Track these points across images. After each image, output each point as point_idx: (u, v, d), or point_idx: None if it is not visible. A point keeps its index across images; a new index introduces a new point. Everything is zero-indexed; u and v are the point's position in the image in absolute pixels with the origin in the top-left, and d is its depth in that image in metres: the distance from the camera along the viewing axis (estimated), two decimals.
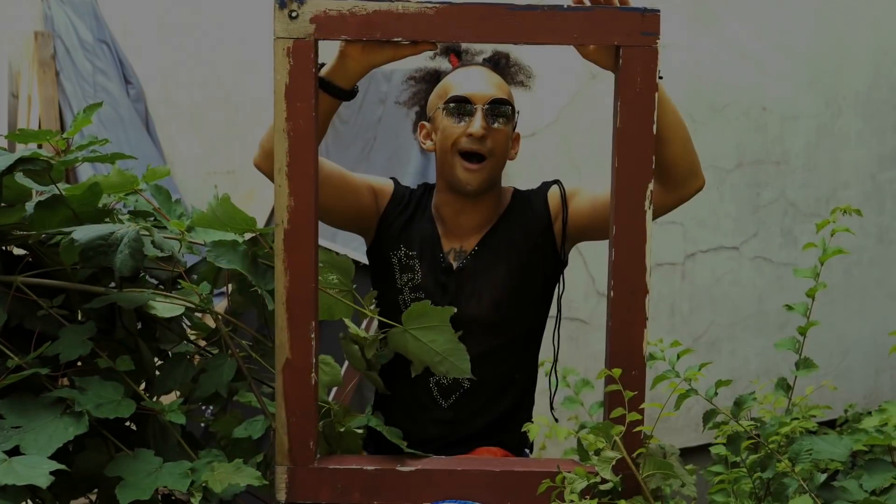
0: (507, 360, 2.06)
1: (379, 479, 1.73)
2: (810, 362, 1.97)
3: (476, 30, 1.61)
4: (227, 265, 1.76)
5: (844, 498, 1.74)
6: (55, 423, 1.59)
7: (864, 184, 4.22)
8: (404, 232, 2.08)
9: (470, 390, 2.04)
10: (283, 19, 1.61)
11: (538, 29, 1.61)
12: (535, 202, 2.07)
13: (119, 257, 1.67)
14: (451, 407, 2.05)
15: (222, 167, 5.23)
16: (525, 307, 2.06)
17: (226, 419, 1.86)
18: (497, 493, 1.74)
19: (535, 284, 2.06)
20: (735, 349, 4.03)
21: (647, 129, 1.64)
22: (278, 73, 1.61)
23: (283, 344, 1.67)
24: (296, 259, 1.65)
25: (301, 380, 1.68)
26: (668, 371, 1.92)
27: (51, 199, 1.76)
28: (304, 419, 1.69)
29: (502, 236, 2.05)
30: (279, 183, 1.64)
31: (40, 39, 4.86)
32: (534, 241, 2.05)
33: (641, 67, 1.62)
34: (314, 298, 1.67)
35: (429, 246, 2.06)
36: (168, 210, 1.99)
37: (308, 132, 1.63)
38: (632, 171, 1.65)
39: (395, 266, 2.08)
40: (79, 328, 1.72)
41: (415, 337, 1.81)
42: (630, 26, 1.61)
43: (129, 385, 1.73)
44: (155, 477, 1.60)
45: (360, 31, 1.61)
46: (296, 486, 1.71)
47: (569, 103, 3.57)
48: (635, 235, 1.66)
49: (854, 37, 4.11)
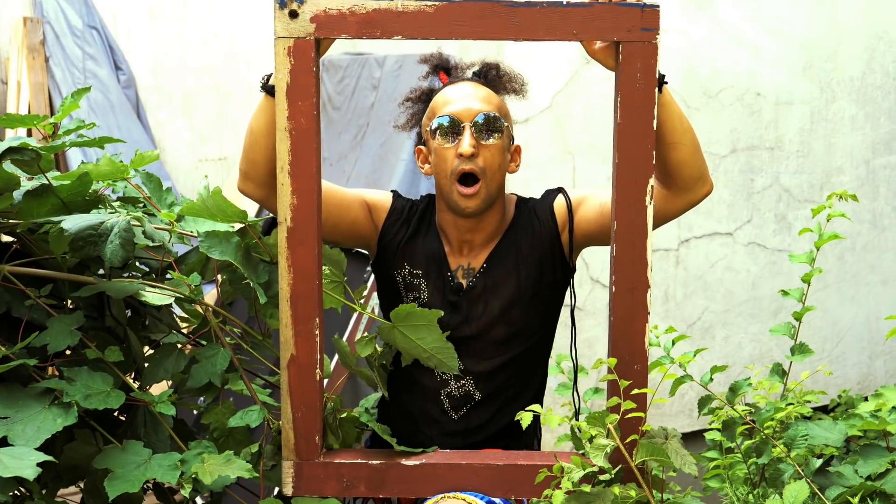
0: (518, 372, 2.03)
1: (384, 473, 1.75)
2: (806, 347, 1.97)
3: (475, 27, 1.61)
4: (219, 256, 1.75)
5: (840, 483, 1.74)
6: (43, 414, 1.58)
7: (859, 169, 4.22)
8: (408, 249, 2.04)
9: (481, 403, 2.02)
10: (283, 19, 1.61)
11: (537, 25, 1.61)
12: (540, 213, 2.04)
13: (109, 247, 1.66)
14: (462, 419, 2.02)
15: (214, 154, 5.21)
16: (535, 319, 2.04)
17: (218, 410, 1.85)
18: (500, 486, 1.75)
19: (544, 296, 2.03)
20: (729, 335, 4.03)
21: (647, 125, 1.64)
22: (279, 72, 1.62)
23: (288, 340, 1.68)
24: (299, 256, 1.66)
25: (306, 375, 1.69)
26: (663, 357, 1.92)
27: (40, 188, 1.75)
28: (309, 414, 1.70)
29: (510, 250, 2.01)
30: (282, 181, 1.65)
31: (29, 25, 4.83)
32: (542, 253, 2.01)
33: (641, 63, 1.62)
34: (318, 296, 1.68)
35: (435, 264, 2.02)
36: (159, 198, 1.97)
37: (310, 130, 1.63)
38: (632, 166, 1.65)
39: (399, 284, 2.04)
40: (67, 318, 1.71)
41: (403, 334, 1.82)
42: (630, 22, 1.61)
43: (119, 376, 1.72)
44: (144, 469, 1.59)
45: (361, 29, 1.61)
46: (302, 480, 1.72)
47: (562, 88, 3.55)
48: (636, 231, 1.67)
49: (848, 22, 4.09)
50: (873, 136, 4.23)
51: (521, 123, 3.46)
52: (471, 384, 2.00)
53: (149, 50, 5.10)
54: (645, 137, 1.64)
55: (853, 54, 4.13)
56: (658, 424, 1.70)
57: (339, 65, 4.35)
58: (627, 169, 1.65)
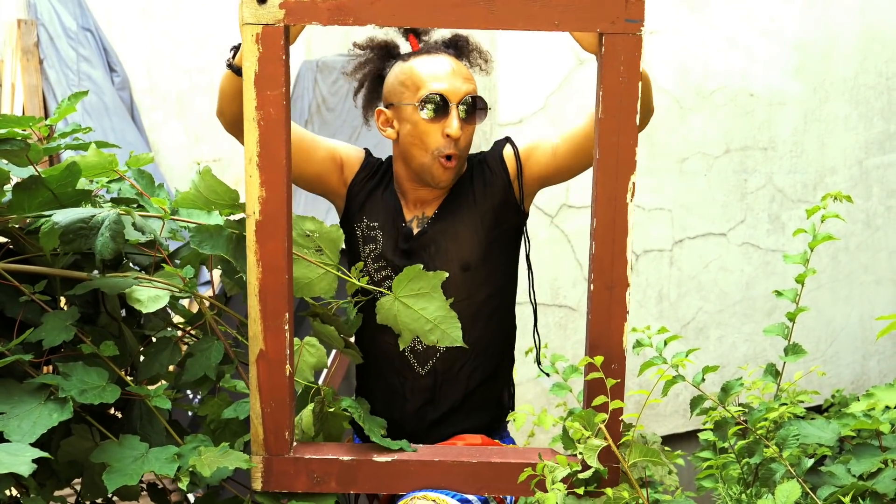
0: (480, 323, 2.06)
1: (355, 469, 1.72)
2: (799, 348, 1.97)
3: (452, 15, 1.56)
4: (210, 251, 1.74)
5: (832, 483, 1.74)
6: (39, 410, 1.58)
7: (852, 169, 4.23)
8: (368, 203, 2.09)
9: (446, 355, 2.05)
10: (251, 5, 1.55)
11: (517, 15, 1.56)
12: (491, 162, 2.09)
13: (100, 240, 1.65)
14: (429, 374, 2.05)
15: (209, 155, 5.21)
16: (492, 265, 2.07)
17: (214, 402, 1.85)
18: (474, 483, 1.73)
19: (500, 242, 2.07)
20: (723, 335, 4.04)
21: (630, 121, 1.59)
22: (247, 60, 1.56)
23: (257, 335, 1.65)
24: (268, 250, 1.62)
25: (275, 371, 1.66)
26: (656, 358, 1.92)
27: (29, 180, 1.74)
28: (278, 409, 1.67)
29: (462, 198, 2.07)
30: (250, 173, 1.60)
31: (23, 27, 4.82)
32: (494, 200, 2.06)
33: (625, 56, 1.56)
34: (288, 290, 1.65)
35: (391, 217, 2.08)
36: (151, 193, 1.97)
37: (279, 121, 1.58)
38: (614, 162, 1.60)
39: (358, 238, 2.09)
40: (62, 313, 1.71)
41: (406, 305, 1.78)
42: (614, 13, 1.55)
43: (114, 371, 1.72)
44: (141, 462, 1.59)
45: (332, 16, 1.56)
46: (272, 475, 1.70)
47: (556, 89, 3.55)
48: (616, 228, 1.63)
49: (841, 22, 4.10)
50: (866, 136, 4.24)
51: (515, 124, 3.46)
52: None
53: (143, 51, 5.10)
54: (627, 133, 1.59)
55: (846, 55, 4.14)
56: (652, 424, 1.71)
57: (334, 66, 4.35)
58: (608, 165, 1.60)
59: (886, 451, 1.72)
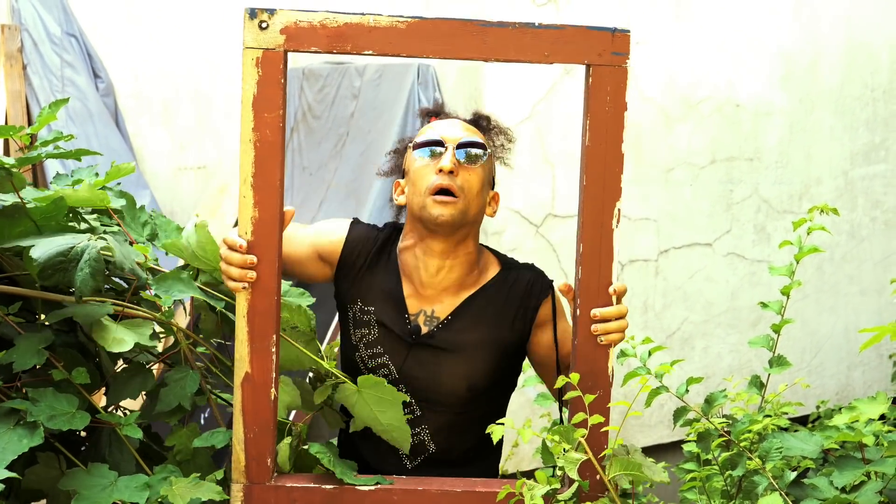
0: (475, 431, 1.97)
1: (338, 498, 1.70)
2: (784, 360, 1.96)
3: (446, 45, 1.60)
4: (180, 295, 1.72)
5: (814, 496, 1.73)
6: (9, 435, 1.55)
7: (837, 180, 4.24)
8: (363, 283, 1.98)
9: (436, 456, 1.98)
10: (252, 29, 1.59)
11: (508, 46, 1.61)
12: (524, 297, 1.98)
13: (80, 275, 1.63)
14: (416, 469, 1.99)
15: (193, 162, 5.18)
16: (498, 388, 2.02)
17: (182, 432, 1.82)
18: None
19: (510, 369, 2.02)
20: (708, 346, 4.04)
21: (615, 148, 1.65)
22: (246, 82, 1.59)
23: (243, 358, 1.64)
24: (259, 271, 1.62)
25: (260, 395, 1.65)
26: (640, 368, 1.91)
27: (11, 207, 1.72)
28: (261, 435, 1.66)
29: (481, 310, 1.96)
30: (244, 194, 1.61)
31: (7, 32, 4.79)
32: (514, 335, 1.98)
33: (611, 86, 1.63)
34: (276, 312, 1.64)
35: (390, 303, 1.96)
36: (132, 217, 1.94)
37: (275, 143, 1.61)
38: (600, 189, 1.65)
39: (349, 320, 1.98)
40: (35, 336, 1.68)
41: (365, 401, 1.78)
42: (601, 46, 1.62)
43: (85, 397, 1.69)
44: (111, 490, 1.56)
45: (331, 43, 1.60)
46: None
47: (543, 97, 3.55)
48: (602, 254, 1.67)
49: (827, 34, 4.12)
50: (851, 146, 4.25)
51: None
52: (426, 434, 1.97)
53: (127, 57, 5.07)
54: (613, 161, 1.65)
55: (832, 66, 4.15)
56: (636, 435, 1.70)
57: (320, 74, 4.34)
58: (595, 192, 1.66)
59: (869, 464, 1.72)
